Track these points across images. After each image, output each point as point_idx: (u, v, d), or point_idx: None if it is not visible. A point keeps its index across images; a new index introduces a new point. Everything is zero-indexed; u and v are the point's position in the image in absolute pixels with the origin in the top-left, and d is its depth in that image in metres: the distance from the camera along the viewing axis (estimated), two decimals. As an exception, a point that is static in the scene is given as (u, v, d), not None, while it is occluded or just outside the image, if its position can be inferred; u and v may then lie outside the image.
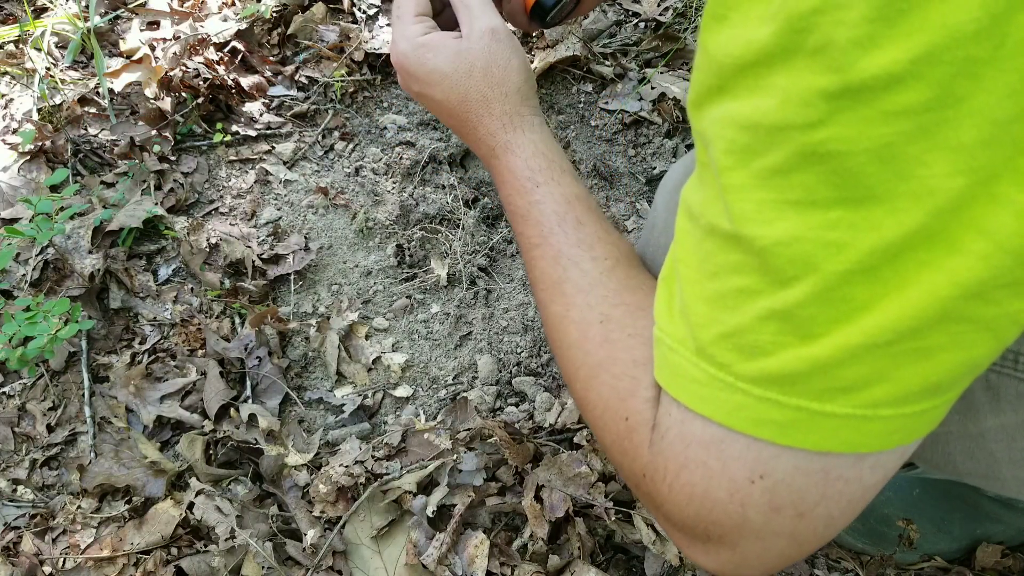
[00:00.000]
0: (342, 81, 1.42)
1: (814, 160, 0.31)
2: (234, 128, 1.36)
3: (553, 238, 0.54)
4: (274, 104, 1.41)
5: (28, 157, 1.27)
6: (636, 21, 1.55)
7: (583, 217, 0.55)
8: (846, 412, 0.35)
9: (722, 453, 0.38)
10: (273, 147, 1.36)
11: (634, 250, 0.56)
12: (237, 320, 1.16)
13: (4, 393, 1.09)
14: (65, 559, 0.94)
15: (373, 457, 1.00)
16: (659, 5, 1.55)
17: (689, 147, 1.41)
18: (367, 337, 1.16)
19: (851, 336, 0.33)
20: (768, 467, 0.37)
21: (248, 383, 1.09)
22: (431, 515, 0.94)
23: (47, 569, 0.94)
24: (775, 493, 0.37)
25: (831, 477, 0.37)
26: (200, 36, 1.41)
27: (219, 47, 1.42)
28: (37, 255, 1.17)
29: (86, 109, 1.34)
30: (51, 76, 1.37)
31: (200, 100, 1.34)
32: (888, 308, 0.32)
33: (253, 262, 1.20)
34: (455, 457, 0.99)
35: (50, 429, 1.06)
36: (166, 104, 1.33)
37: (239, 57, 1.41)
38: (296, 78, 1.43)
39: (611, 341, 0.48)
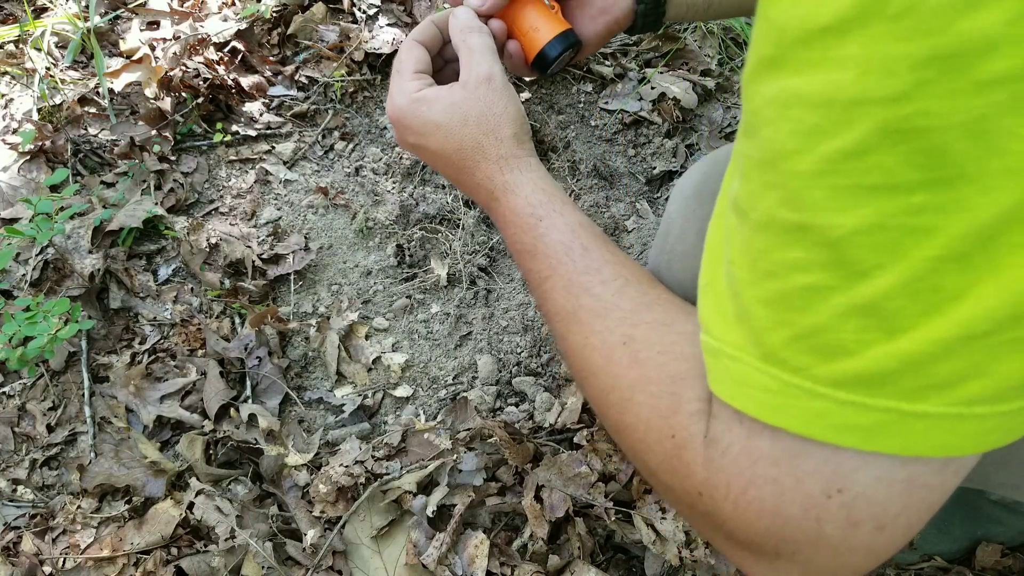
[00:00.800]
0: (342, 81, 1.42)
1: (897, 138, 0.29)
2: (234, 128, 1.36)
3: (562, 268, 0.54)
4: (274, 104, 1.41)
5: (28, 157, 1.27)
6: (636, 21, 1.55)
7: (588, 243, 0.54)
8: (939, 411, 0.32)
9: (795, 468, 0.36)
10: (273, 147, 1.36)
11: (642, 269, 0.55)
12: (237, 320, 1.16)
13: (4, 393, 1.09)
14: (65, 559, 0.94)
15: (373, 457, 1.00)
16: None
17: (689, 147, 1.41)
18: (367, 337, 1.16)
19: (944, 328, 0.31)
20: (847, 480, 0.35)
21: (248, 383, 1.09)
22: (431, 515, 0.94)
23: (47, 569, 0.94)
24: (854, 507, 0.35)
25: (915, 485, 0.35)
26: (200, 36, 1.41)
27: (219, 47, 1.42)
28: (37, 255, 1.17)
29: (86, 109, 1.34)
30: (51, 76, 1.37)
31: (200, 100, 1.34)
32: (983, 296, 0.30)
33: (253, 262, 1.20)
34: (455, 457, 0.99)
35: (50, 429, 1.06)
36: (166, 104, 1.33)
37: (239, 57, 1.41)
38: (296, 78, 1.43)
39: (640, 361, 0.46)
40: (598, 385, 0.49)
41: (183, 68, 1.35)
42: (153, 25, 1.48)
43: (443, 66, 0.69)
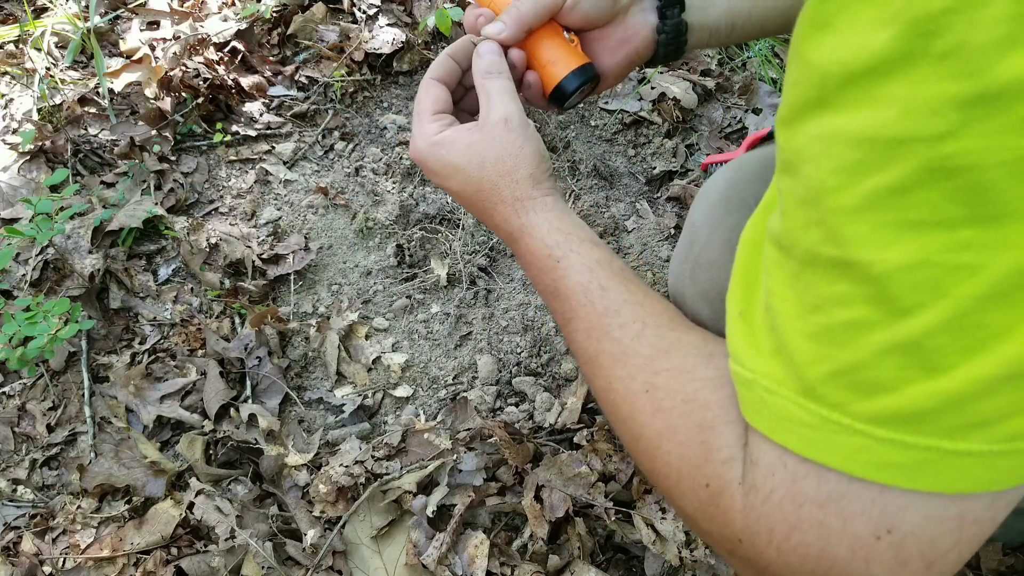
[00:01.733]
0: (342, 81, 1.42)
1: (941, 175, 0.29)
2: (234, 128, 1.36)
3: (582, 310, 0.53)
4: (274, 104, 1.41)
5: (28, 157, 1.27)
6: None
7: (606, 282, 0.53)
8: (981, 449, 0.32)
9: (842, 509, 0.35)
10: (273, 147, 1.36)
11: (662, 304, 0.53)
12: (237, 320, 1.16)
13: (4, 393, 1.09)
14: (65, 559, 0.94)
15: (373, 457, 1.00)
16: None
17: (689, 147, 1.40)
18: (367, 337, 1.16)
19: (986, 367, 0.30)
20: (896, 520, 0.34)
21: (248, 383, 1.09)
22: (431, 515, 0.94)
23: (47, 569, 0.94)
24: (903, 547, 0.35)
25: (966, 522, 0.34)
26: (200, 36, 1.41)
27: (219, 47, 1.42)
28: (37, 255, 1.17)
29: (86, 109, 1.34)
30: (51, 76, 1.37)
31: (200, 100, 1.34)
32: None
33: (253, 262, 1.20)
34: (455, 457, 0.99)
35: (50, 429, 1.06)
36: (166, 104, 1.33)
37: (239, 57, 1.41)
38: (296, 78, 1.43)
39: (664, 410, 0.46)
40: (627, 432, 0.49)
41: (183, 68, 1.35)
42: (153, 25, 1.48)
43: (464, 94, 0.69)
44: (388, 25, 1.49)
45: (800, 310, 0.35)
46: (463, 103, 0.69)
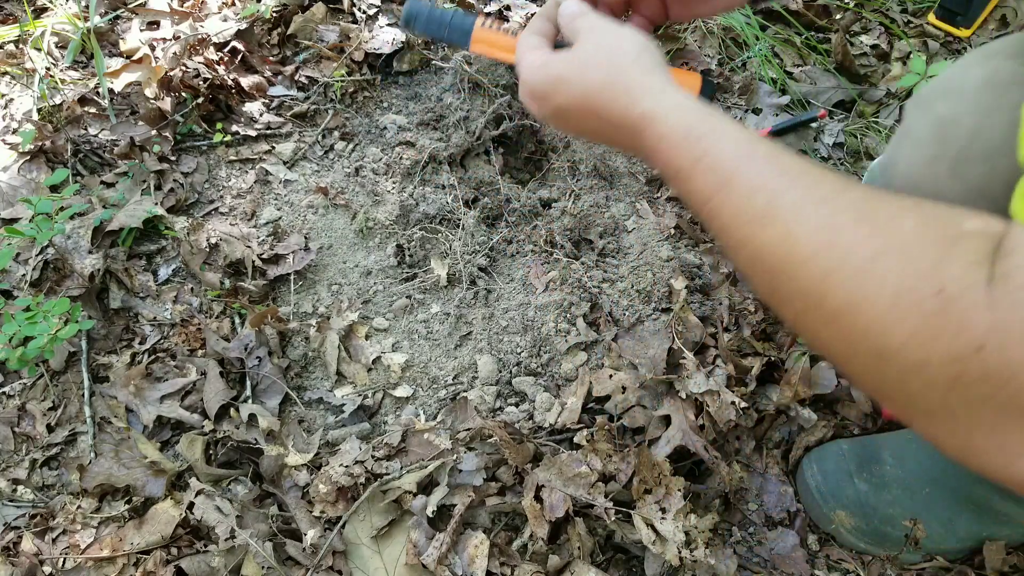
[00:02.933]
0: (342, 81, 1.42)
1: None
2: (234, 128, 1.36)
3: (739, 176, 0.47)
4: (274, 104, 1.41)
5: (28, 157, 1.27)
6: (636, 20, 1.54)
7: (772, 152, 0.47)
8: None
9: None
10: (273, 147, 1.36)
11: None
12: (237, 320, 1.16)
13: (4, 393, 1.09)
14: (65, 559, 0.94)
15: (373, 457, 1.00)
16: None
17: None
18: (367, 337, 1.16)
19: None
20: None
21: (248, 383, 1.09)
22: (431, 515, 0.94)
23: (47, 569, 0.94)
24: None
25: None
26: (200, 36, 1.41)
27: (219, 47, 1.42)
28: (37, 255, 1.17)
29: (86, 109, 1.34)
30: (51, 76, 1.37)
31: (200, 100, 1.34)
32: None
33: (253, 262, 1.20)
34: (455, 457, 0.99)
35: (50, 429, 1.06)
36: (166, 104, 1.32)
37: (239, 57, 1.41)
38: (296, 78, 1.43)
39: (888, 231, 0.40)
40: (811, 269, 0.42)
41: (183, 68, 1.35)
42: (153, 25, 1.48)
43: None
44: (388, 25, 1.49)
45: None
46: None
